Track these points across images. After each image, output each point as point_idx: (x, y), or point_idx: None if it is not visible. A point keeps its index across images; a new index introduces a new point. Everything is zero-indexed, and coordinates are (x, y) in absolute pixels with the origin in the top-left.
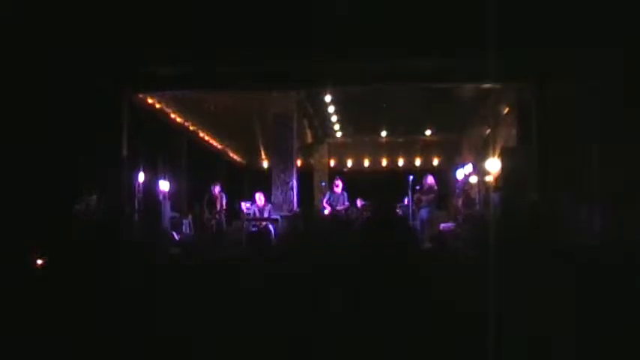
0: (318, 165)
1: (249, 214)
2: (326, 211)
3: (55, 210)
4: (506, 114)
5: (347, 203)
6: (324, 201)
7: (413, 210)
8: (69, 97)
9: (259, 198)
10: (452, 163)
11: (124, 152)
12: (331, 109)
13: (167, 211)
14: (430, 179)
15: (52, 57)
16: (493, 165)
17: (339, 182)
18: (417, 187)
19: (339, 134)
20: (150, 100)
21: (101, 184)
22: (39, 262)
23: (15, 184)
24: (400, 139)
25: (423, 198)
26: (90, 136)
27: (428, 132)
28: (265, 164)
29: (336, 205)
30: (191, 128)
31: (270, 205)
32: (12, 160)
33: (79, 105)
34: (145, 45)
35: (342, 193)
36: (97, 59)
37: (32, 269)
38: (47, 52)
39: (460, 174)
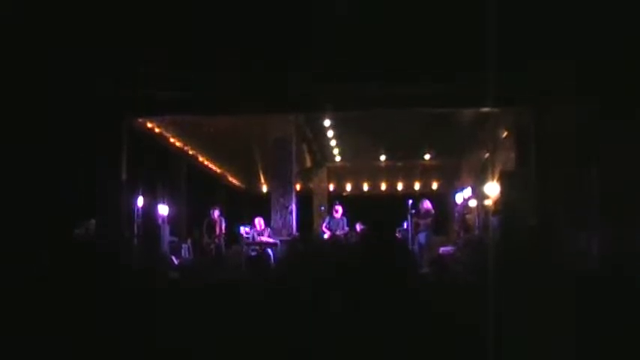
0: (317, 189)
1: (248, 238)
2: (325, 236)
3: (55, 234)
4: (505, 138)
5: (346, 228)
6: (324, 225)
7: (412, 234)
8: (68, 120)
9: (259, 223)
10: (451, 186)
11: (124, 176)
12: (330, 133)
13: (166, 235)
14: (427, 203)
15: (51, 80)
16: (492, 189)
17: (338, 207)
18: (413, 211)
19: (338, 158)
20: (149, 125)
21: (101, 209)
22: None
23: (14, 206)
24: (399, 164)
25: (421, 222)
26: (89, 159)
27: (427, 156)
28: (264, 188)
29: (336, 230)
30: (190, 152)
31: (269, 230)
32: (10, 183)
33: (78, 129)
34: (145, 69)
35: (341, 218)
36: (97, 83)
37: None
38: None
39: (459, 198)
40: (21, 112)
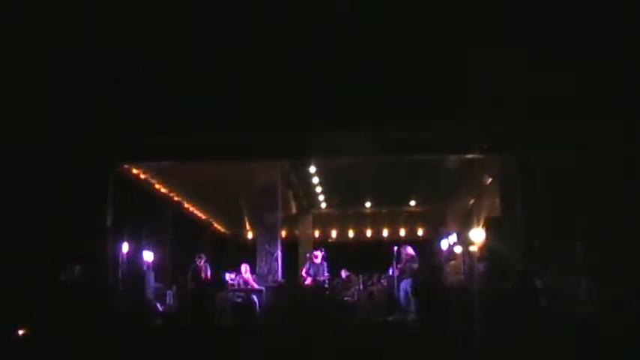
0: (302, 236)
1: (233, 284)
2: (307, 282)
3: (38, 279)
4: (490, 184)
5: (327, 274)
6: (304, 271)
7: (397, 280)
8: (54, 165)
9: (245, 269)
10: (437, 233)
11: (109, 222)
12: (316, 180)
13: (151, 281)
14: (409, 250)
15: (38, 123)
16: (478, 235)
17: (317, 253)
18: (397, 258)
19: (323, 205)
20: (135, 171)
21: (85, 254)
22: (20, 332)
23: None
24: (384, 210)
25: (407, 268)
26: (75, 206)
27: (412, 202)
28: (250, 235)
29: (316, 276)
30: (176, 199)
31: (254, 276)
32: None
33: (64, 174)
34: (133, 116)
35: (321, 263)
36: (83, 130)
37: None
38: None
39: (445, 244)
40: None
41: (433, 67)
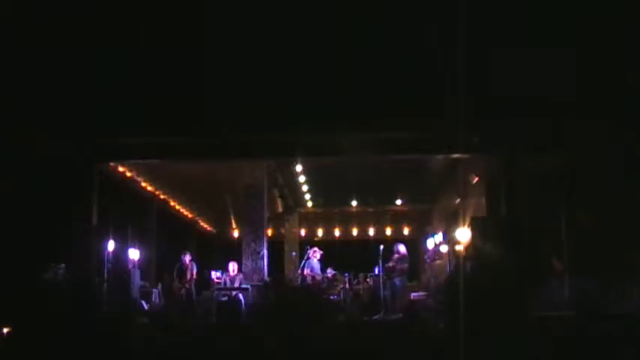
0: (288, 234)
1: (219, 283)
2: (308, 279)
3: (23, 278)
4: (476, 183)
5: (319, 273)
6: (307, 270)
7: (384, 279)
8: (39, 164)
9: (232, 268)
10: (422, 232)
11: (94, 221)
12: (302, 178)
13: (137, 280)
14: (402, 248)
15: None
16: (463, 234)
17: (314, 251)
18: (394, 256)
19: (309, 204)
20: (120, 169)
21: (71, 253)
22: (5, 330)
23: None
24: (370, 209)
25: (397, 267)
26: (60, 204)
27: (398, 202)
28: (236, 233)
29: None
30: (162, 197)
31: (241, 275)
32: None
33: (49, 172)
34: (117, 116)
35: (319, 262)
36: (68, 130)
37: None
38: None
39: (430, 243)
40: None
41: (419, 66)
